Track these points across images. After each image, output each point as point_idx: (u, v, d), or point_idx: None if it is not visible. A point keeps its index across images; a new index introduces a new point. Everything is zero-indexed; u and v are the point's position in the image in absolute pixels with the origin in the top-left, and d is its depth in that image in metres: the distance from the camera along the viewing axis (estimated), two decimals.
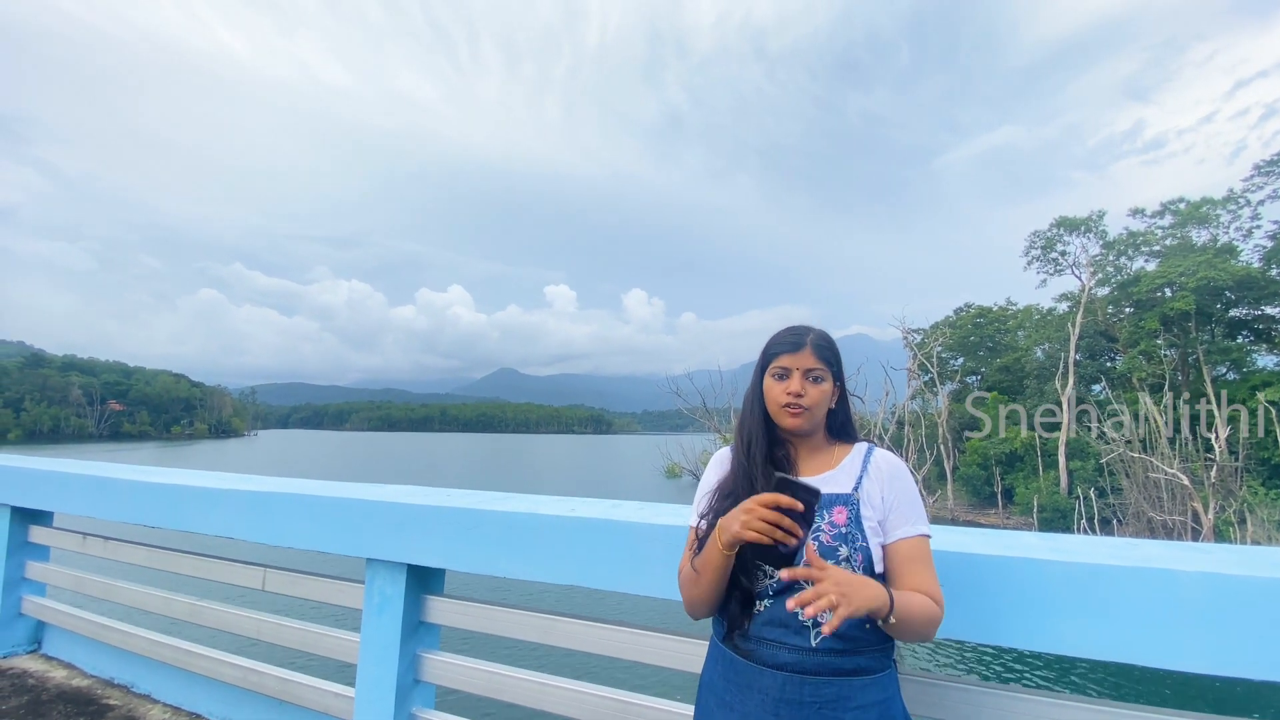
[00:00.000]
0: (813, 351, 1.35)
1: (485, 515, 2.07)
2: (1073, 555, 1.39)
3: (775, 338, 1.41)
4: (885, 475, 1.31)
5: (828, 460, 1.37)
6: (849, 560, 1.22)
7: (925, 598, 1.20)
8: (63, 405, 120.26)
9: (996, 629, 1.41)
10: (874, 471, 1.32)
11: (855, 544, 1.23)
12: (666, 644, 1.79)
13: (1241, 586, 1.24)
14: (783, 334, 1.40)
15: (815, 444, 1.40)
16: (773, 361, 1.37)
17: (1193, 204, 30.93)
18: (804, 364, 1.34)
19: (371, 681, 2.20)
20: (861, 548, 1.23)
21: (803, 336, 1.37)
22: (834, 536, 1.24)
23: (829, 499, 1.28)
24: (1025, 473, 30.95)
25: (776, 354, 1.37)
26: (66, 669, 3.18)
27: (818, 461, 1.38)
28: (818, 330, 1.40)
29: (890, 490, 1.29)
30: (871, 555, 1.24)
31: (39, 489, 3.35)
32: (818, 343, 1.36)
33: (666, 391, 36.99)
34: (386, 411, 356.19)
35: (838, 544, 1.23)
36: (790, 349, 1.36)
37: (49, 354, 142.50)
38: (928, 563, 1.26)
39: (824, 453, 1.39)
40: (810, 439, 1.39)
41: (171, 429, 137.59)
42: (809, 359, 1.34)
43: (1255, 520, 21.28)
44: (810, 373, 1.34)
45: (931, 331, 41.94)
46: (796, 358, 1.35)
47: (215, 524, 2.66)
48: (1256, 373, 27.52)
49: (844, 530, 1.24)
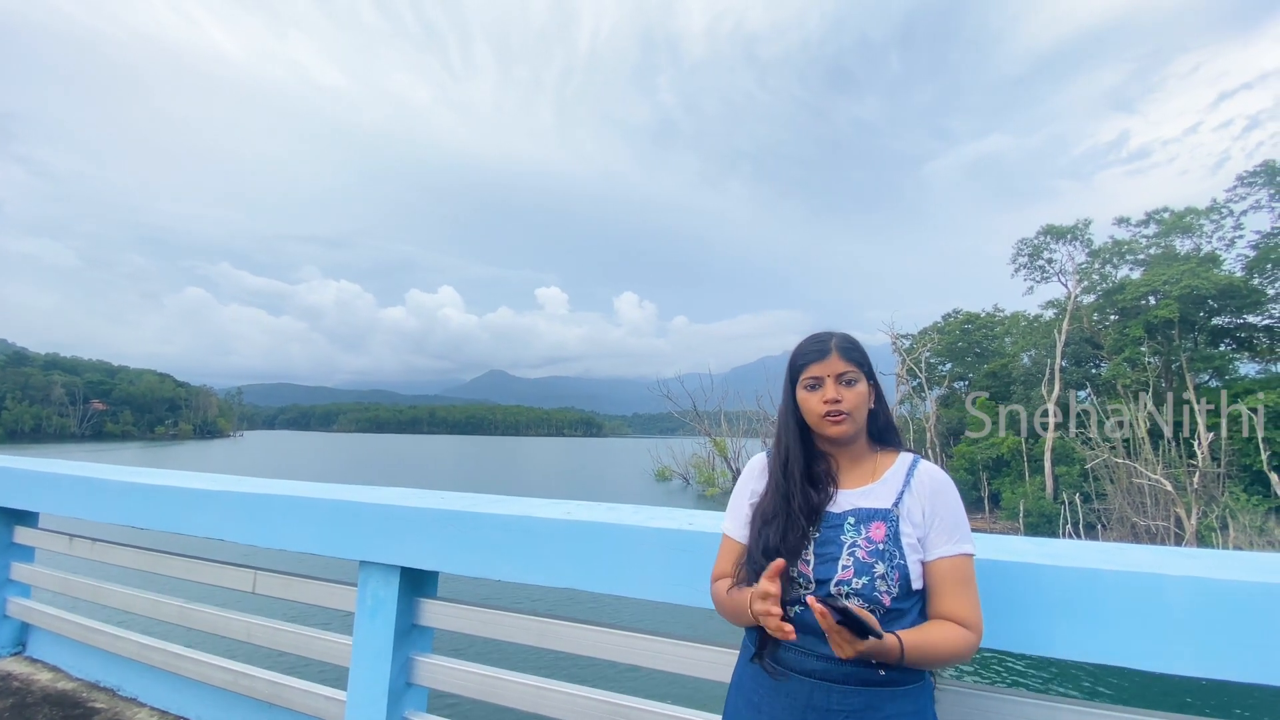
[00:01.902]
0: (840, 355, 1.32)
1: (479, 518, 2.07)
2: (1063, 559, 1.41)
3: (799, 349, 1.38)
4: (928, 490, 1.28)
5: (870, 472, 1.34)
6: (885, 577, 1.20)
7: (950, 628, 1.18)
8: (45, 404, 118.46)
9: (988, 632, 1.43)
10: (916, 486, 1.29)
11: (892, 561, 1.21)
12: (663, 647, 1.80)
13: (1227, 590, 1.27)
14: (806, 344, 1.37)
15: (857, 453, 1.36)
16: (802, 374, 1.34)
17: (1176, 214, 31.36)
18: (834, 369, 1.31)
19: (363, 685, 2.19)
20: (899, 565, 1.21)
21: (827, 342, 1.35)
22: (870, 553, 1.21)
23: (867, 513, 1.26)
24: (1011, 478, 31.22)
25: (804, 365, 1.35)
26: (52, 671, 3.13)
27: (859, 473, 1.35)
28: (840, 333, 1.37)
29: (932, 506, 1.26)
30: (909, 573, 1.22)
31: (24, 489, 3.31)
32: (843, 345, 1.34)
33: (657, 394, 37.00)
34: (375, 413, 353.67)
35: (874, 560, 1.21)
36: (817, 357, 1.33)
37: (31, 352, 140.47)
38: (968, 583, 1.23)
39: (866, 463, 1.36)
40: (852, 447, 1.36)
41: (155, 429, 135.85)
42: (839, 363, 1.32)
43: (1237, 526, 21.57)
44: (843, 376, 1.31)
45: (920, 337, 42.26)
46: (825, 365, 1.32)
47: (205, 525, 2.64)
48: (1238, 380, 27.94)
49: (881, 547, 1.22)
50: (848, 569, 1.21)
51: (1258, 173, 28.56)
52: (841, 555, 1.23)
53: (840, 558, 1.23)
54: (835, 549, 1.24)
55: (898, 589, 1.20)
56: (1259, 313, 28.41)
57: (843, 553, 1.23)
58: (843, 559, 1.22)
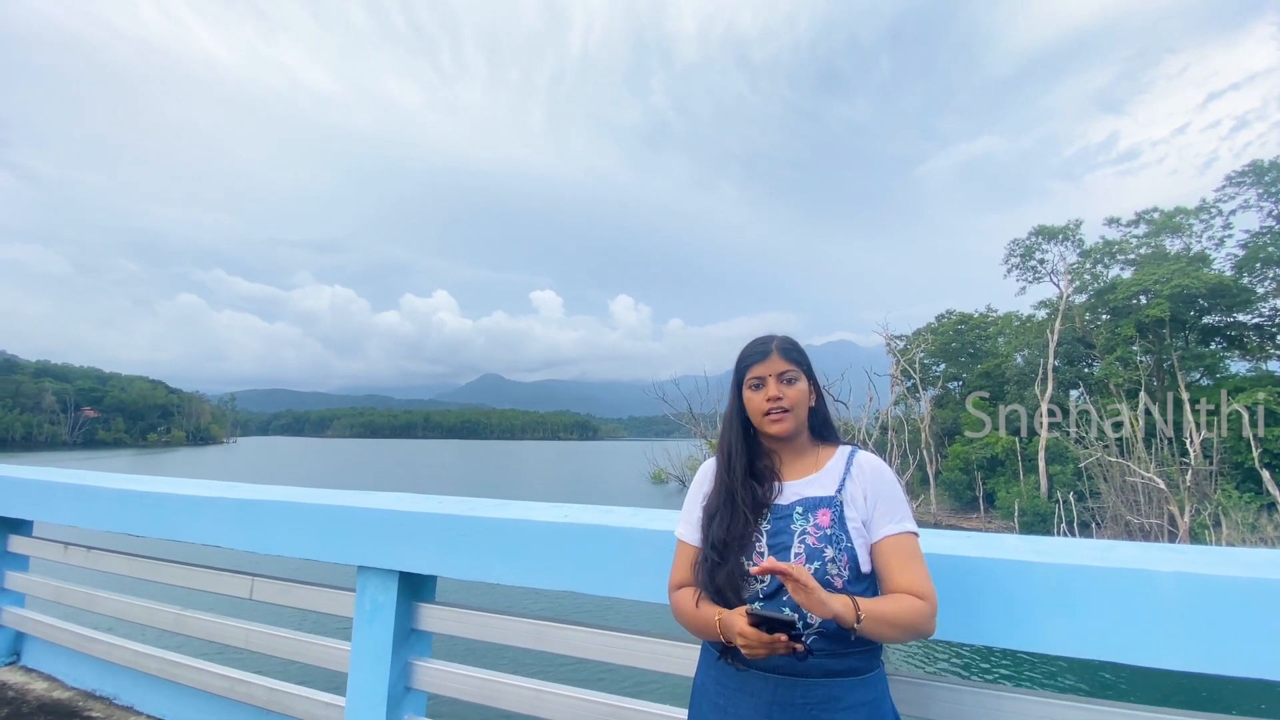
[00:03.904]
0: (780, 355, 1.41)
1: (477, 522, 2.08)
2: (1054, 557, 1.43)
3: (743, 352, 1.47)
4: (868, 475, 1.36)
5: (812, 464, 1.42)
6: (835, 561, 1.26)
7: (905, 599, 1.22)
8: (35, 412, 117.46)
9: (981, 629, 1.45)
10: (856, 473, 1.37)
11: (840, 545, 1.27)
12: (659, 648, 1.81)
13: (1216, 585, 1.29)
14: (749, 347, 1.47)
15: (799, 447, 1.44)
16: (746, 374, 1.44)
17: (1166, 214, 31.63)
18: (775, 369, 1.40)
19: (362, 690, 2.19)
20: (847, 548, 1.27)
21: (768, 344, 1.44)
22: (819, 539, 1.28)
23: (814, 501, 1.33)
24: (1006, 477, 31.36)
25: (748, 366, 1.44)
26: (47, 681, 3.12)
27: (802, 466, 1.43)
28: (781, 336, 1.47)
29: (873, 490, 1.34)
30: (857, 556, 1.28)
31: (18, 497, 3.30)
32: (783, 346, 1.43)
33: (653, 397, 37.01)
34: (369, 418, 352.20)
35: (823, 545, 1.27)
36: (759, 358, 1.42)
37: (21, 359, 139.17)
38: (916, 557, 1.28)
39: (808, 456, 1.44)
40: (794, 443, 1.44)
41: (148, 437, 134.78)
42: (779, 363, 1.41)
43: (1230, 523, 21.72)
44: (784, 375, 1.40)
45: (914, 338, 42.41)
46: (767, 365, 1.41)
47: (201, 532, 2.64)
48: (1229, 378, 28.15)
49: (829, 532, 1.28)
50: (800, 555, 1.28)
51: (1246, 172, 28.85)
52: (794, 543, 1.29)
53: (793, 545, 1.29)
54: (787, 538, 1.31)
55: (848, 572, 1.26)
56: (1249, 311, 28.67)
57: (794, 540, 1.29)
58: (794, 547, 1.29)
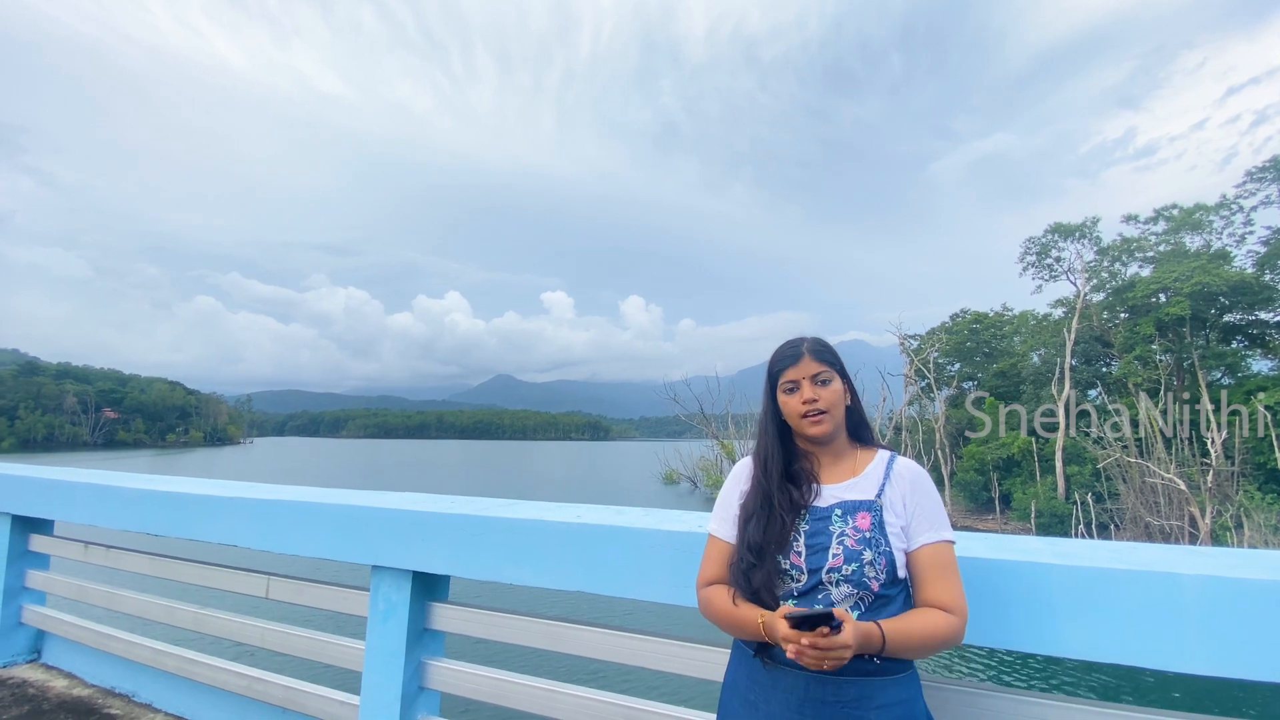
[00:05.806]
0: (812, 357, 1.41)
1: (491, 522, 2.08)
2: (1075, 559, 1.41)
3: (774, 356, 1.47)
4: (908, 482, 1.36)
5: (850, 468, 1.42)
6: (873, 564, 1.26)
7: (931, 615, 1.23)
8: (57, 413, 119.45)
9: (1001, 632, 1.43)
10: (896, 478, 1.36)
11: (879, 549, 1.27)
12: (673, 650, 1.80)
13: (1240, 588, 1.26)
14: (781, 350, 1.46)
15: (837, 450, 1.44)
16: (780, 379, 1.43)
17: (1185, 210, 31.12)
18: (808, 371, 1.40)
19: (376, 689, 2.21)
20: (885, 552, 1.28)
21: (799, 346, 1.44)
22: (858, 541, 1.28)
23: (853, 505, 1.33)
24: (1023, 478, 30.98)
25: (781, 370, 1.43)
26: (67, 678, 3.16)
27: (840, 469, 1.42)
28: (812, 337, 1.47)
29: (913, 497, 1.34)
30: (895, 560, 1.28)
31: (40, 497, 3.35)
32: (814, 348, 1.43)
33: (664, 398, 37.00)
34: (383, 419, 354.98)
35: (862, 548, 1.27)
36: (791, 361, 1.42)
37: (43, 362, 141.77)
38: (951, 569, 1.29)
39: (846, 460, 1.43)
40: (832, 445, 1.43)
41: (166, 437, 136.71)
42: (811, 365, 1.40)
43: (1252, 525, 21.32)
44: (817, 377, 1.40)
45: (928, 338, 42.06)
46: (799, 368, 1.41)
47: (219, 532, 2.66)
48: (1251, 378, 27.64)
49: (868, 535, 1.29)
50: (838, 556, 1.28)
51: (1267, 168, 28.33)
52: (831, 544, 1.29)
53: (830, 546, 1.29)
54: (825, 539, 1.31)
55: (885, 575, 1.27)
56: (1271, 309, 28.13)
57: (833, 542, 1.29)
58: (833, 548, 1.29)
